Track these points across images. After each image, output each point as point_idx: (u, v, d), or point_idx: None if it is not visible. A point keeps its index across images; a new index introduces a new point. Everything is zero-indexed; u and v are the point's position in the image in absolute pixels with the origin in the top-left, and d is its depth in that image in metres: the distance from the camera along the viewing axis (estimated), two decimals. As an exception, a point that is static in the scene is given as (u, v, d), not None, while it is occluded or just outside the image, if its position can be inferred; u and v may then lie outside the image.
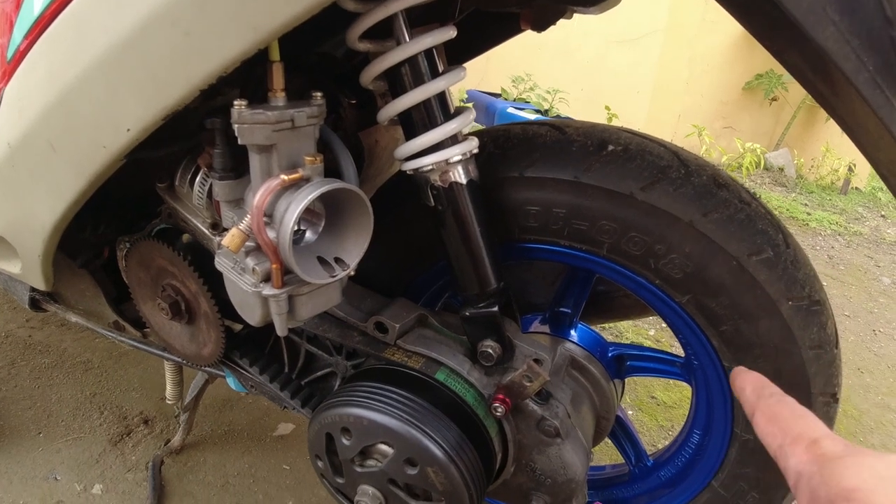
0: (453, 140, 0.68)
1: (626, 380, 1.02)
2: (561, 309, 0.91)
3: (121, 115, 0.61)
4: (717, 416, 0.85)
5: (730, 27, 2.86)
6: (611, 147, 0.75)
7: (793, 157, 3.04)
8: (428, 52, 0.66)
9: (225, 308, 0.87)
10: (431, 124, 0.67)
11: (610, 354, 0.93)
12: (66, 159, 0.71)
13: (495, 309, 0.74)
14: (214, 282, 0.85)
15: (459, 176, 0.69)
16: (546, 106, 2.69)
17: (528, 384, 0.69)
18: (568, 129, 0.78)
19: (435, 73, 0.67)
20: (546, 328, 0.92)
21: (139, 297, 0.96)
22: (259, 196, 0.56)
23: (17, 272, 1.07)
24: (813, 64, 0.71)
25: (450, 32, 0.67)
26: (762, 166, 2.96)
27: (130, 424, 1.32)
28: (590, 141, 0.76)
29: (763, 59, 2.89)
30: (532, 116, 2.76)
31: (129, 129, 0.61)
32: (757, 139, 2.98)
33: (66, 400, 1.39)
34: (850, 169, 3.14)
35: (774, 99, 2.98)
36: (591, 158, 0.74)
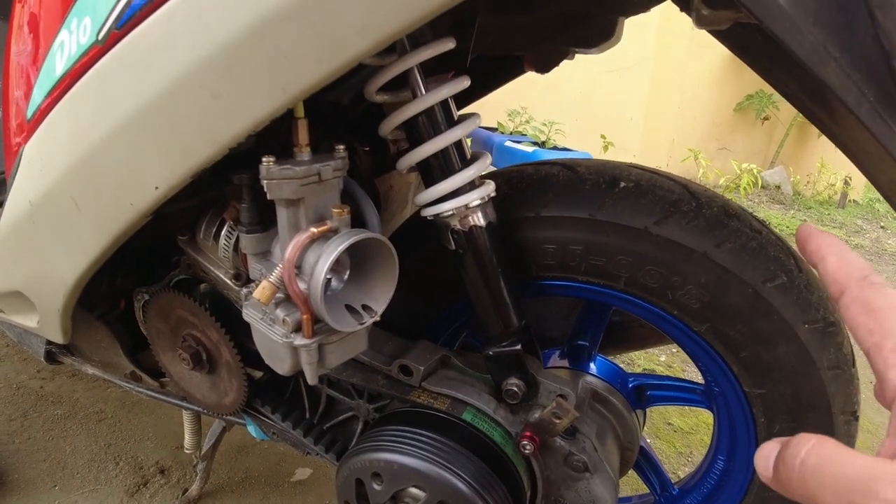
0: (471, 185, 0.70)
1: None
2: (579, 342, 0.92)
3: (148, 174, 0.63)
4: (741, 440, 0.86)
5: (717, 51, 2.92)
6: (622, 184, 0.77)
7: (788, 174, 3.09)
8: (444, 102, 0.68)
9: (246, 356, 0.88)
10: (450, 171, 0.69)
11: (630, 385, 0.94)
12: (91, 217, 0.72)
13: (518, 347, 0.75)
14: (235, 331, 0.86)
15: (479, 219, 0.70)
16: (542, 138, 2.73)
17: (558, 421, 0.70)
18: (579, 167, 0.79)
19: (451, 122, 0.69)
20: (565, 362, 0.93)
21: (158, 348, 0.97)
22: (290, 250, 0.57)
23: (34, 326, 1.07)
24: (811, 94, 0.74)
25: (464, 83, 0.69)
26: (759, 185, 3.01)
27: (147, 474, 1.31)
28: (601, 179, 0.78)
29: (753, 80, 2.95)
30: (530, 149, 2.80)
31: (157, 188, 0.63)
32: (751, 159, 3.03)
33: (80, 451, 1.38)
34: (846, 182, 3.19)
35: (766, 118, 3.03)
36: (605, 196, 0.76)
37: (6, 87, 0.87)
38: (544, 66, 0.95)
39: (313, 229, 0.58)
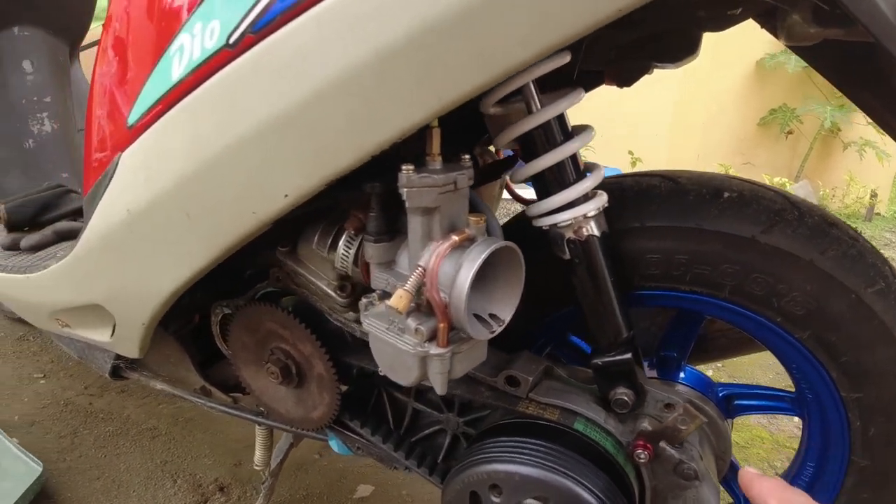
0: (585, 196, 0.70)
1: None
2: (667, 353, 0.92)
3: (278, 182, 0.62)
4: (834, 446, 0.86)
5: (741, 67, 2.95)
6: (726, 194, 0.77)
7: (814, 188, 3.11)
8: (560, 116, 0.69)
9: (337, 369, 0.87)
10: (566, 182, 0.69)
11: (720, 394, 0.93)
12: (203, 226, 0.72)
13: (629, 356, 0.75)
14: (328, 343, 0.86)
15: (594, 229, 0.71)
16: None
17: (684, 428, 0.70)
18: (681, 178, 0.80)
19: (567, 134, 0.70)
20: (654, 372, 0.92)
21: (241, 362, 0.96)
22: (433, 258, 0.57)
23: (106, 341, 1.07)
24: (891, 106, 0.76)
25: (580, 96, 0.70)
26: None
27: (206, 492, 1.30)
28: (705, 189, 0.78)
29: (776, 95, 2.98)
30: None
31: (286, 196, 0.62)
32: (775, 173, 3.05)
33: (135, 469, 1.36)
34: (873, 195, 3.20)
35: (790, 132, 3.06)
36: (710, 206, 0.76)
37: (91, 109, 0.86)
38: (626, 81, 0.96)
39: (455, 237, 0.58)
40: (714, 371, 1.81)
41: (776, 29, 0.72)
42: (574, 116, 0.74)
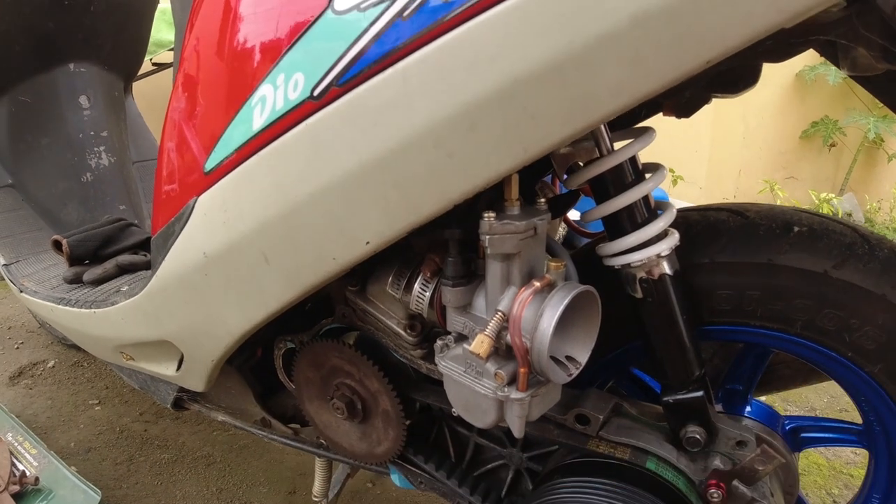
0: (658, 235, 0.70)
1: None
2: (733, 386, 0.91)
3: (361, 229, 0.63)
4: (902, 478, 0.85)
5: (780, 80, 2.92)
6: (796, 228, 0.77)
7: (859, 200, 3.04)
8: (632, 157, 0.69)
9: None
10: (638, 223, 0.69)
11: (786, 427, 0.92)
12: (281, 270, 0.73)
13: (701, 394, 0.74)
14: (394, 380, 0.87)
15: (665, 269, 0.71)
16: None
17: (761, 468, 0.69)
18: (749, 212, 0.80)
19: (639, 175, 0.70)
20: (720, 406, 0.92)
21: (305, 396, 0.97)
22: (517, 305, 0.58)
23: (171, 374, 1.09)
24: None
25: (652, 137, 0.70)
26: (839, 214, 2.97)
27: (262, 521, 1.31)
28: (774, 224, 0.78)
29: (817, 107, 2.94)
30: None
31: (368, 243, 0.64)
32: (819, 186, 2.99)
33: (191, 496, 1.39)
34: (919, 207, 3.15)
35: (833, 145, 3.01)
36: (781, 240, 0.76)
37: (163, 143, 0.89)
38: (686, 112, 0.96)
39: (537, 283, 0.59)
40: (767, 397, 1.77)
41: (837, 59, 0.72)
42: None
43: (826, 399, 1.72)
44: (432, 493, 0.95)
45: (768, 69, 0.83)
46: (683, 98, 0.95)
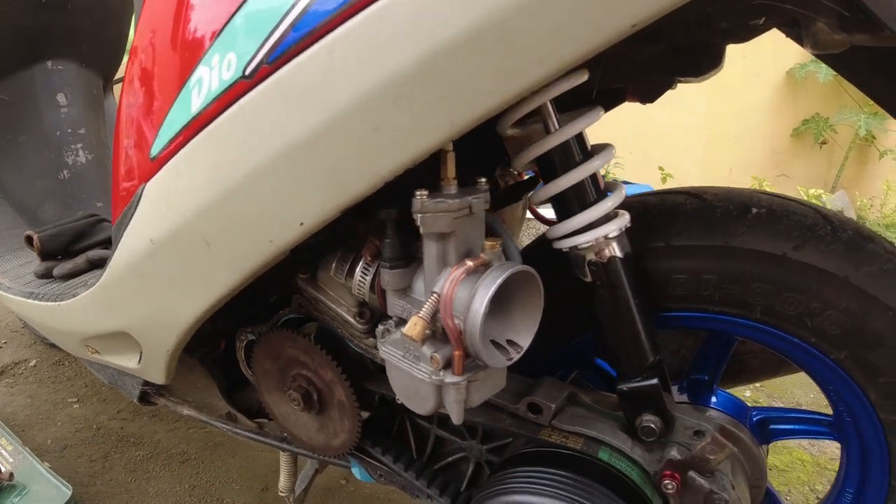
0: (606, 216, 0.68)
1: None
2: (698, 376, 0.89)
3: (294, 210, 0.62)
4: (874, 471, 0.83)
5: (771, 77, 2.90)
6: (755, 210, 0.75)
7: (850, 198, 3.02)
8: (579, 135, 0.68)
9: (358, 396, 0.86)
10: (587, 203, 0.68)
11: (754, 419, 0.90)
12: (222, 255, 0.72)
13: (655, 381, 0.72)
14: (349, 370, 0.85)
15: (616, 251, 0.69)
16: (602, 172, 2.70)
17: (713, 457, 0.67)
18: (706, 195, 0.78)
19: (586, 153, 0.68)
20: (684, 397, 0.89)
21: (264, 388, 0.96)
22: (447, 284, 0.56)
23: (134, 367, 1.08)
24: None
25: (599, 114, 0.68)
26: (829, 212, 2.94)
27: (233, 518, 1.30)
28: (732, 206, 0.76)
29: (808, 104, 2.92)
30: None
31: (302, 224, 0.62)
32: (811, 184, 2.97)
33: (164, 493, 1.37)
34: (910, 203, 3.12)
35: (824, 142, 2.98)
36: (738, 223, 0.74)
37: (117, 139, 0.88)
38: (648, 97, 0.94)
39: (469, 262, 0.57)
40: (753, 391, 1.75)
41: (801, 38, 0.70)
42: (604, 132, 0.73)
43: (812, 395, 1.69)
44: (392, 486, 0.93)
45: (760, 67, 0.81)
46: (645, 83, 0.93)
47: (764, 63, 2.61)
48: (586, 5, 0.45)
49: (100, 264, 1.30)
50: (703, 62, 0.86)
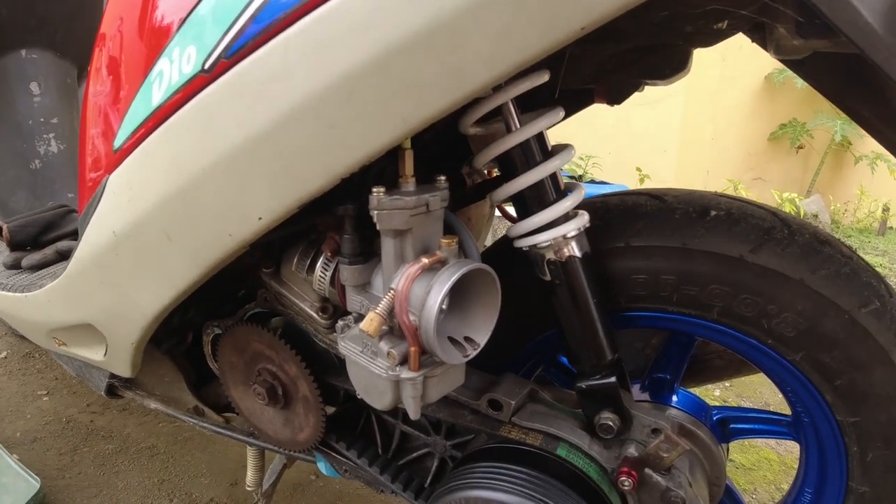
0: (566, 216, 0.69)
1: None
2: (659, 375, 0.90)
3: (252, 204, 0.62)
4: (832, 472, 0.84)
5: (749, 81, 2.93)
6: (713, 212, 0.76)
7: (825, 202, 3.06)
8: (539, 134, 0.68)
9: (322, 391, 0.86)
10: (546, 202, 0.68)
11: (714, 418, 0.91)
12: (183, 248, 0.72)
13: (613, 380, 0.73)
14: (313, 365, 0.85)
15: (574, 250, 0.69)
16: (579, 172, 2.73)
17: (666, 455, 0.68)
18: (667, 197, 0.79)
19: (546, 153, 0.69)
20: (645, 395, 0.90)
21: (230, 382, 0.96)
22: (403, 281, 0.57)
23: (100, 359, 1.07)
24: (889, 120, 0.74)
25: (559, 115, 0.69)
26: (802, 215, 2.99)
27: (201, 512, 1.29)
28: (691, 207, 0.77)
29: (785, 109, 2.95)
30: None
31: (260, 218, 0.62)
32: (787, 188, 3.01)
33: (133, 487, 1.37)
34: (885, 210, 3.15)
35: (801, 147, 3.02)
36: (697, 224, 0.75)
37: (83, 127, 0.88)
38: (615, 98, 0.95)
39: (424, 259, 0.58)
40: (722, 390, 1.77)
41: (766, 43, 0.71)
42: (583, 134, 0.73)
43: (781, 396, 1.72)
44: (357, 482, 0.93)
45: (739, 70, 0.82)
46: (612, 84, 0.94)
47: (743, 67, 2.65)
48: (532, 8, 0.46)
49: (68, 255, 1.29)
50: (669, 65, 0.87)
